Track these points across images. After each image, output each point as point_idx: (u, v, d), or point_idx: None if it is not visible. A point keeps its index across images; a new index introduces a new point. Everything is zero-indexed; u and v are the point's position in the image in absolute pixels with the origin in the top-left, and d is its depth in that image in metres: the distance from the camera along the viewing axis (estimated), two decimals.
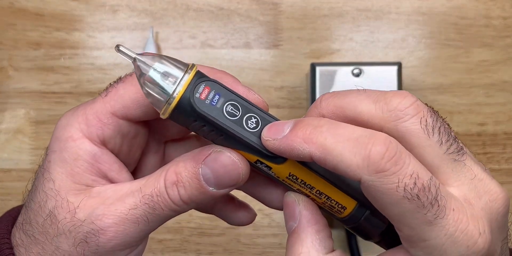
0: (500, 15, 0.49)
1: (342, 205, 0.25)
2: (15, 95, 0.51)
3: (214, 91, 0.23)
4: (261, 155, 0.23)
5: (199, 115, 0.22)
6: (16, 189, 0.50)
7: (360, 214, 0.25)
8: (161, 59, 0.23)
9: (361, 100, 0.23)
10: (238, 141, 0.23)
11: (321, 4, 0.50)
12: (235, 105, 0.23)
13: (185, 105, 0.22)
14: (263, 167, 0.24)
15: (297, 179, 0.24)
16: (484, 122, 0.49)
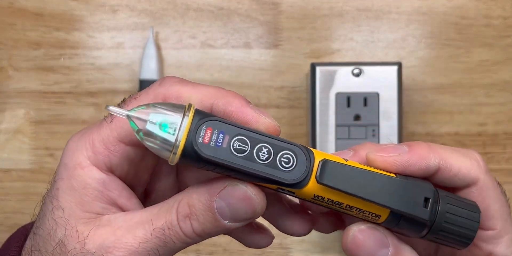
0: (501, 15, 0.49)
1: (376, 213, 0.24)
2: (15, 95, 0.50)
3: (217, 131, 0.22)
4: (280, 184, 0.23)
5: (206, 161, 0.22)
6: (15, 189, 0.50)
7: (397, 218, 0.24)
8: (155, 108, 0.22)
9: (451, 153, 0.25)
10: (253, 177, 0.22)
11: (321, 4, 0.50)
12: (242, 140, 0.22)
13: (190, 152, 0.21)
14: (286, 193, 0.23)
15: (323, 199, 0.23)
16: (485, 122, 0.49)
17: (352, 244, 0.24)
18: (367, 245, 0.24)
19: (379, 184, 0.23)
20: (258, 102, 0.50)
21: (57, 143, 0.50)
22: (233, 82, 0.50)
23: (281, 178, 0.22)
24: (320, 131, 0.44)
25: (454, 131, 0.49)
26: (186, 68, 0.50)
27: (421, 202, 0.23)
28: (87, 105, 0.50)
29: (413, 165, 0.24)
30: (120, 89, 0.50)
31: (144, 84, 0.48)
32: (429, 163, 0.24)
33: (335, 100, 0.44)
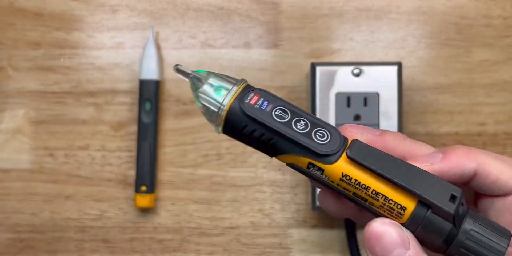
0: (501, 15, 0.49)
1: (401, 205, 0.23)
2: (14, 95, 0.50)
3: (263, 98, 0.25)
4: (312, 155, 0.24)
5: (249, 118, 0.24)
6: (15, 189, 0.50)
7: (422, 213, 0.23)
8: (215, 76, 0.25)
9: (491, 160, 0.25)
10: (288, 141, 0.24)
11: (321, 3, 0.50)
12: (283, 110, 0.25)
13: (236, 111, 0.24)
14: (315, 171, 0.24)
15: (350, 180, 0.23)
16: (485, 122, 0.49)
17: (374, 235, 0.23)
18: (388, 239, 0.23)
19: (408, 172, 0.23)
20: None
21: (57, 143, 0.50)
22: None
23: (314, 147, 0.23)
24: None
25: (454, 131, 0.49)
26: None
27: (447, 197, 0.23)
28: (87, 105, 0.50)
29: (446, 173, 0.24)
30: (120, 89, 0.50)
31: (144, 84, 0.48)
32: (463, 170, 0.24)
33: (335, 100, 0.44)
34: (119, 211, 0.50)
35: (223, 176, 0.50)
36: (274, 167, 0.50)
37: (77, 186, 0.50)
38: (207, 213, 0.50)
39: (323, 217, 0.50)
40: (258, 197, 0.50)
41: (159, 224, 0.50)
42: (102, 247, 0.50)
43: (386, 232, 0.23)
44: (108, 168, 0.50)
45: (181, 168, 0.50)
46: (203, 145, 0.50)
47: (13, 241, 0.51)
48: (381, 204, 0.23)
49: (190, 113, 0.50)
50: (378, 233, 0.23)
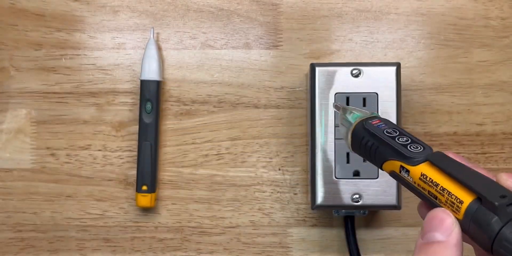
0: (499, 15, 0.49)
1: (460, 199, 0.27)
2: (16, 95, 0.51)
3: (383, 122, 0.33)
4: (403, 159, 0.30)
5: (366, 130, 0.32)
6: (17, 188, 0.51)
7: (475, 207, 0.27)
8: (356, 110, 0.34)
9: None
10: (389, 148, 0.31)
11: (321, 4, 0.50)
12: (394, 130, 0.32)
13: (359, 127, 0.33)
14: (404, 173, 0.30)
15: (426, 178, 0.29)
16: (483, 122, 0.49)
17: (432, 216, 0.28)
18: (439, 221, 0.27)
19: (471, 174, 0.28)
20: (258, 103, 0.50)
21: (58, 143, 0.51)
22: (233, 82, 0.50)
23: (405, 152, 0.30)
24: (320, 131, 0.45)
25: (453, 131, 0.49)
26: (187, 69, 0.50)
27: (498, 194, 0.26)
28: (88, 105, 0.50)
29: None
30: (121, 90, 0.50)
31: (145, 85, 0.48)
32: None
33: (335, 100, 0.45)
34: (120, 210, 0.50)
35: (223, 176, 0.50)
36: (274, 167, 0.50)
37: (79, 186, 0.50)
38: (208, 212, 0.50)
39: (323, 216, 0.50)
40: (258, 196, 0.50)
41: (160, 224, 0.50)
42: (103, 247, 0.50)
43: (443, 215, 0.28)
44: (109, 168, 0.50)
45: (181, 168, 0.50)
46: (203, 145, 0.50)
47: (14, 240, 0.51)
48: (445, 199, 0.28)
49: (191, 113, 0.50)
50: (438, 215, 0.28)
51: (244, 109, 0.50)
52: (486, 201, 0.26)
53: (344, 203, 0.45)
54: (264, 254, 0.50)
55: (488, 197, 0.26)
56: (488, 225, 0.26)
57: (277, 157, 0.50)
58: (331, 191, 0.45)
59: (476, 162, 0.49)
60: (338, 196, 0.45)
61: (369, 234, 0.50)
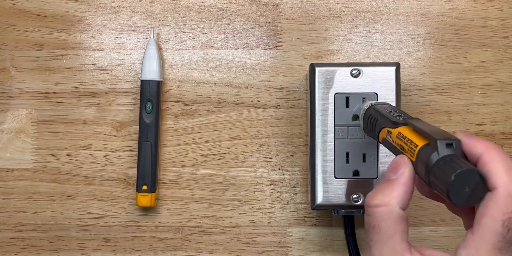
0: (498, 16, 0.50)
1: (416, 143, 0.32)
2: (17, 95, 0.51)
3: (389, 106, 0.40)
4: (391, 124, 0.36)
5: (373, 110, 0.39)
6: (18, 188, 0.51)
7: (425, 147, 0.31)
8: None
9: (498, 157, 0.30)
10: (383, 118, 0.37)
11: (320, 5, 0.50)
12: (394, 109, 0.38)
13: (369, 109, 0.41)
14: (389, 137, 0.35)
15: (400, 135, 0.34)
16: (482, 122, 0.49)
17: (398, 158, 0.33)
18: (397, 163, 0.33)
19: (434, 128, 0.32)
20: (258, 103, 0.50)
21: (59, 143, 0.51)
22: (233, 82, 0.50)
23: (393, 119, 0.36)
24: (320, 131, 0.45)
25: (452, 131, 0.49)
26: (187, 69, 0.50)
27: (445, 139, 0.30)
28: (89, 105, 0.51)
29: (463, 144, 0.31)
30: (121, 90, 0.51)
31: (145, 85, 0.49)
32: (471, 151, 0.30)
33: (334, 100, 0.45)
34: (120, 210, 0.51)
35: (224, 175, 0.50)
36: (273, 166, 0.50)
37: (79, 186, 0.51)
38: (208, 212, 0.50)
39: (322, 216, 0.50)
40: (258, 196, 0.50)
41: (160, 223, 0.50)
42: (104, 246, 0.51)
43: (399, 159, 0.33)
44: (110, 167, 0.51)
45: (182, 168, 0.50)
46: (203, 145, 0.50)
47: (15, 240, 0.51)
48: (408, 147, 0.33)
49: (191, 113, 0.50)
50: (395, 160, 0.33)
51: (244, 109, 0.50)
52: (432, 141, 0.30)
53: (344, 203, 0.45)
54: (264, 254, 0.50)
55: (433, 137, 0.30)
56: (428, 159, 0.30)
57: (277, 157, 0.50)
58: (331, 191, 0.45)
59: None
60: (338, 196, 0.45)
61: None
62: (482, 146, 0.30)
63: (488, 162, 0.29)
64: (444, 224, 0.50)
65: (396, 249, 0.31)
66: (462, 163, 0.28)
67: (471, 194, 0.28)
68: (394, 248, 0.31)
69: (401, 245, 0.31)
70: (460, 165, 0.28)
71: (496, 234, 0.28)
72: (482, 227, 0.28)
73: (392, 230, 0.31)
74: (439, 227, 0.50)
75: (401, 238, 0.31)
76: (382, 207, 0.31)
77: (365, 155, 0.45)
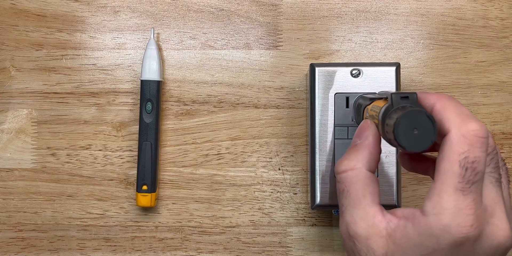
0: (498, 16, 0.50)
1: (379, 106, 0.32)
2: (17, 95, 0.51)
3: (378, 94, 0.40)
4: (368, 101, 0.36)
5: (361, 97, 0.41)
6: (18, 188, 0.51)
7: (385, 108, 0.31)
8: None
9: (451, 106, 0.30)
10: (365, 100, 0.38)
11: (320, 5, 0.50)
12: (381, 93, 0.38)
13: (359, 98, 0.42)
14: (366, 112, 0.36)
15: (374, 106, 0.34)
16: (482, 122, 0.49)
17: (362, 123, 0.34)
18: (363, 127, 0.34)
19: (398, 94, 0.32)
20: (258, 103, 0.50)
21: (59, 143, 0.51)
22: (233, 82, 0.50)
23: (370, 97, 0.37)
24: (319, 131, 0.45)
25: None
26: (187, 69, 0.50)
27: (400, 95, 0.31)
28: (89, 105, 0.51)
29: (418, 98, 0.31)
30: (121, 90, 0.51)
31: (145, 85, 0.49)
32: (425, 103, 0.31)
33: (334, 100, 0.45)
34: (120, 210, 0.51)
35: (224, 175, 0.50)
36: (273, 166, 0.50)
37: (79, 186, 0.51)
38: (208, 212, 0.50)
39: (322, 216, 0.50)
40: (258, 196, 0.50)
41: (160, 223, 0.50)
42: (104, 246, 0.51)
43: (363, 124, 0.34)
44: (110, 167, 0.51)
45: (182, 168, 0.50)
46: (203, 145, 0.50)
47: (15, 240, 0.51)
48: (375, 114, 0.33)
49: (191, 113, 0.50)
50: (360, 125, 0.34)
51: (244, 109, 0.50)
52: (388, 97, 0.30)
53: None
54: (264, 254, 0.50)
55: (389, 93, 0.30)
56: (384, 111, 0.30)
57: (277, 157, 0.50)
58: (331, 190, 0.45)
59: None
60: None
61: None
62: (435, 97, 0.30)
63: (440, 110, 0.29)
64: None
65: (367, 211, 0.31)
66: (410, 107, 0.29)
67: (421, 137, 0.28)
68: (365, 210, 0.31)
69: (372, 207, 0.31)
70: (407, 109, 0.28)
71: (455, 175, 0.28)
72: (441, 173, 0.28)
73: (361, 192, 0.31)
74: None
75: (371, 200, 0.31)
76: (349, 171, 0.32)
77: None
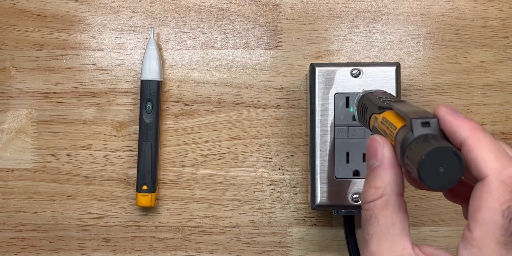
0: (498, 16, 0.50)
1: (395, 126, 0.30)
2: (17, 95, 0.51)
3: (383, 94, 0.37)
4: (378, 109, 0.34)
5: (365, 98, 0.37)
6: (18, 188, 0.51)
7: (402, 128, 0.29)
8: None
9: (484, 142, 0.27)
10: (372, 105, 0.35)
11: (321, 5, 0.50)
12: (386, 96, 0.36)
13: (363, 96, 0.38)
14: (375, 123, 0.34)
15: (384, 120, 0.32)
16: (482, 122, 0.49)
17: (371, 141, 0.30)
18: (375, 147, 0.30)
19: (416, 109, 0.30)
20: (258, 103, 0.50)
21: (59, 143, 0.51)
22: (233, 82, 0.50)
23: (380, 104, 0.34)
24: (319, 131, 0.45)
25: None
26: (187, 69, 0.50)
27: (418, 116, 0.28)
28: (89, 105, 0.51)
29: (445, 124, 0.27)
30: (121, 90, 0.51)
31: (145, 85, 0.49)
32: (454, 134, 0.27)
33: (334, 100, 0.45)
34: (120, 210, 0.51)
35: (224, 175, 0.50)
36: (274, 166, 0.50)
37: (79, 186, 0.51)
38: (208, 212, 0.50)
39: (322, 216, 0.50)
40: (258, 196, 0.50)
41: (160, 223, 0.50)
42: (104, 246, 0.51)
43: (373, 143, 0.30)
44: (110, 167, 0.51)
45: (182, 168, 0.50)
46: (203, 145, 0.50)
47: (15, 240, 0.51)
48: (389, 131, 0.31)
49: (191, 113, 0.50)
50: (370, 144, 0.30)
51: (244, 109, 0.50)
52: (407, 121, 0.28)
53: (344, 202, 0.45)
54: (264, 254, 0.50)
55: (408, 117, 0.28)
56: (402, 140, 0.28)
57: (277, 157, 0.50)
58: (331, 190, 0.45)
59: None
60: (338, 195, 0.45)
61: None
62: (468, 128, 0.27)
63: (474, 147, 0.26)
64: (444, 224, 0.50)
65: (397, 242, 0.28)
66: (435, 142, 0.26)
67: (446, 175, 0.25)
68: (394, 241, 0.28)
69: (402, 238, 0.28)
70: (432, 144, 0.26)
71: (497, 227, 0.25)
72: (480, 223, 0.25)
73: (390, 220, 0.28)
74: (439, 227, 0.50)
75: (401, 230, 0.28)
76: (378, 199, 0.29)
77: (365, 155, 0.45)
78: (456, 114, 0.27)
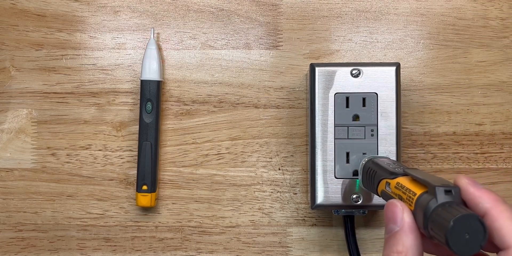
0: (498, 16, 0.50)
1: (414, 192, 0.31)
2: (17, 95, 0.51)
3: (388, 160, 0.40)
4: (389, 175, 0.35)
5: (372, 163, 0.39)
6: (18, 188, 0.51)
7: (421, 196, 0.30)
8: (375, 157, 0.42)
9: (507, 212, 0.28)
10: (382, 170, 0.37)
11: (320, 5, 0.50)
12: (393, 162, 0.38)
13: (369, 161, 0.41)
14: (387, 188, 0.35)
15: (399, 185, 0.33)
16: (482, 122, 0.49)
17: (390, 206, 0.31)
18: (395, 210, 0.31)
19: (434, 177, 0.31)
20: (258, 103, 0.50)
21: (59, 143, 0.51)
22: (233, 82, 0.50)
23: (392, 170, 0.36)
24: (319, 131, 0.45)
25: (452, 131, 0.49)
26: (187, 69, 0.50)
27: (440, 184, 0.29)
28: (89, 105, 0.51)
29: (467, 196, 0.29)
30: (121, 90, 0.51)
31: (145, 85, 0.49)
32: (477, 204, 0.29)
33: (334, 100, 0.45)
34: (120, 210, 0.51)
35: (224, 175, 0.50)
36: (273, 166, 0.50)
37: (79, 186, 0.51)
38: (208, 212, 0.50)
39: (322, 216, 0.50)
40: (258, 196, 0.50)
41: (160, 223, 0.50)
42: (104, 246, 0.51)
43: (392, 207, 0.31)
44: (110, 167, 0.51)
45: (182, 168, 0.50)
46: (203, 145, 0.50)
47: (15, 240, 0.51)
48: (406, 197, 0.32)
49: (191, 113, 0.50)
50: (389, 208, 0.31)
51: (244, 109, 0.50)
52: (430, 188, 0.29)
53: (344, 202, 0.45)
54: (264, 254, 0.50)
55: (432, 184, 0.29)
56: (426, 206, 0.29)
57: (277, 157, 0.50)
58: (331, 190, 0.45)
59: (475, 162, 0.49)
60: (338, 195, 0.45)
61: (368, 234, 0.50)
62: (491, 200, 0.28)
63: (498, 217, 0.28)
64: None
65: None
66: (461, 209, 0.27)
67: (471, 241, 0.27)
68: None
69: None
70: (459, 211, 0.27)
71: None
72: None
73: None
74: None
75: None
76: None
77: (365, 155, 0.45)
78: (478, 186, 0.29)
